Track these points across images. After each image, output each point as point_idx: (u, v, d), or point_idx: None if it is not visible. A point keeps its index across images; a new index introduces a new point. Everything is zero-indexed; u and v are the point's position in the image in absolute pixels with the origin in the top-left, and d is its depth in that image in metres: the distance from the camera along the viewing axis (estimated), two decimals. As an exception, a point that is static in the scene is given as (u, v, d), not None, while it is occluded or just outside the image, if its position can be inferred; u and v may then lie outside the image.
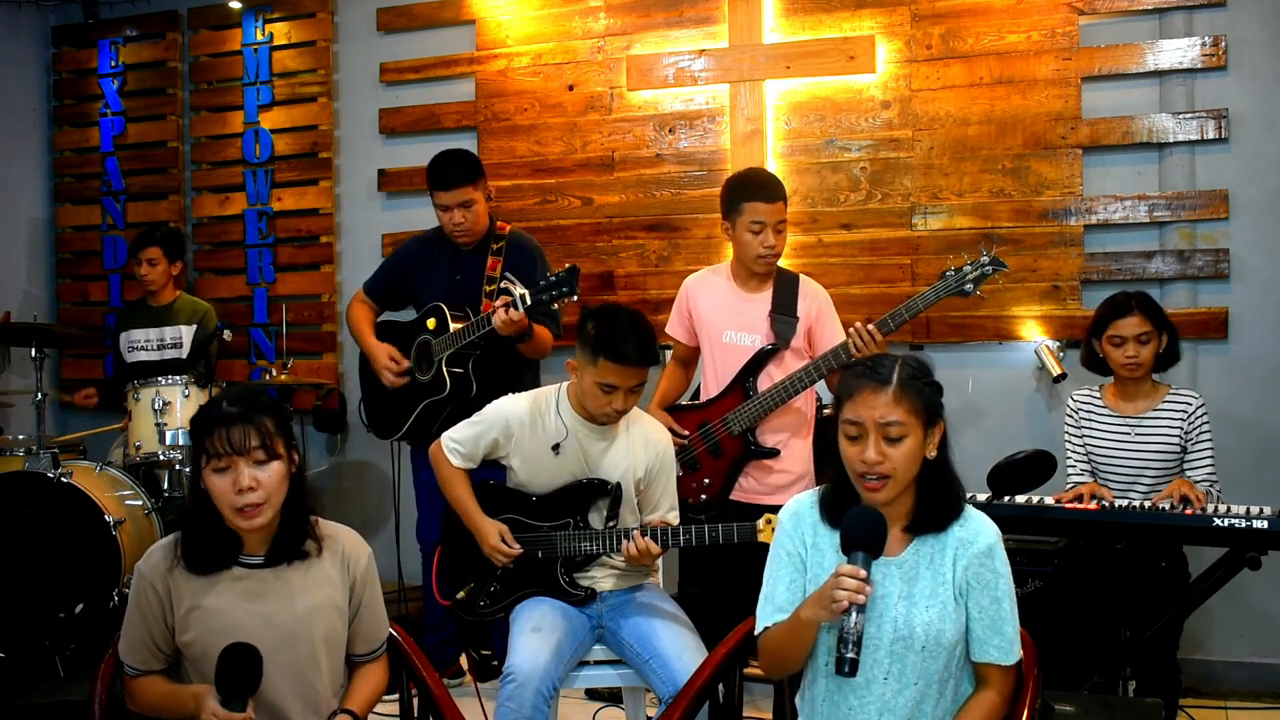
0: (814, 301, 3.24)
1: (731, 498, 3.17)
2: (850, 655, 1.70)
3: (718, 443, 3.15)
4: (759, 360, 3.17)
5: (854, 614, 1.71)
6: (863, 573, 1.73)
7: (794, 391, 3.10)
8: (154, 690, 1.97)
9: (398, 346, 3.71)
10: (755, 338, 3.20)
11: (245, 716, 1.82)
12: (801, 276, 3.33)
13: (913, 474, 1.88)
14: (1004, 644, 1.87)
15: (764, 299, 3.23)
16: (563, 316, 3.65)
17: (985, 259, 3.00)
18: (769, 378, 3.16)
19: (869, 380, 1.88)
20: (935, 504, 1.91)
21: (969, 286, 3.01)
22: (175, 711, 1.94)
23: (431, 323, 3.57)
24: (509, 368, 3.58)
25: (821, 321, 3.23)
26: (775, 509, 2.57)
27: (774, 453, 3.15)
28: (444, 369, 3.53)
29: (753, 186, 3.22)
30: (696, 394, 3.34)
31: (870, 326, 2.97)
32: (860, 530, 1.79)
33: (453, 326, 3.50)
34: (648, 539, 2.58)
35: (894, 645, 1.85)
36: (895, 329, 3.02)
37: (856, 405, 1.87)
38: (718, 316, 3.25)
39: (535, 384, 3.75)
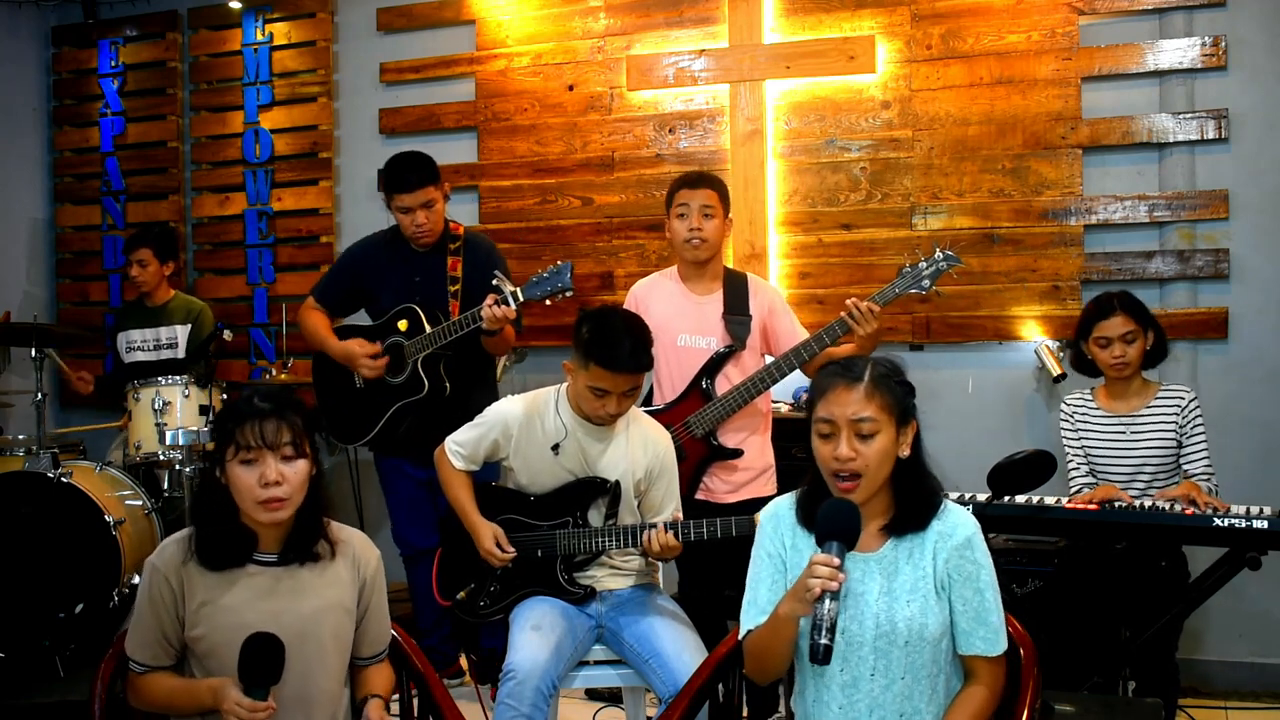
0: (765, 298, 3.25)
1: (697, 498, 3.16)
2: (824, 642, 1.70)
3: (680, 446, 3.13)
4: (716, 362, 3.17)
5: (827, 601, 1.72)
6: (836, 560, 1.74)
7: (758, 391, 3.10)
8: (163, 686, 1.96)
9: None
10: (710, 340, 3.20)
11: (267, 705, 1.83)
12: (749, 275, 3.34)
13: (885, 472, 1.89)
14: (989, 635, 1.88)
15: (715, 300, 3.23)
16: (558, 314, 3.67)
17: (939, 255, 3.00)
18: (726, 379, 3.16)
19: (841, 378, 1.89)
20: (913, 504, 1.92)
21: (925, 283, 3.01)
22: (188, 706, 1.93)
23: (403, 325, 3.52)
24: (476, 367, 3.59)
25: (775, 316, 3.23)
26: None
27: (738, 453, 3.15)
28: (420, 370, 3.51)
29: (681, 179, 3.30)
30: (649, 399, 3.33)
31: (866, 303, 2.97)
32: (834, 521, 1.81)
33: (428, 328, 3.48)
34: (669, 533, 2.59)
35: (877, 641, 1.86)
36: (883, 306, 3.01)
37: (829, 403, 1.89)
38: (670, 321, 3.22)
39: (494, 382, 3.75)
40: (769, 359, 3.17)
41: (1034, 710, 1.92)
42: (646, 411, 3.18)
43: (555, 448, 2.74)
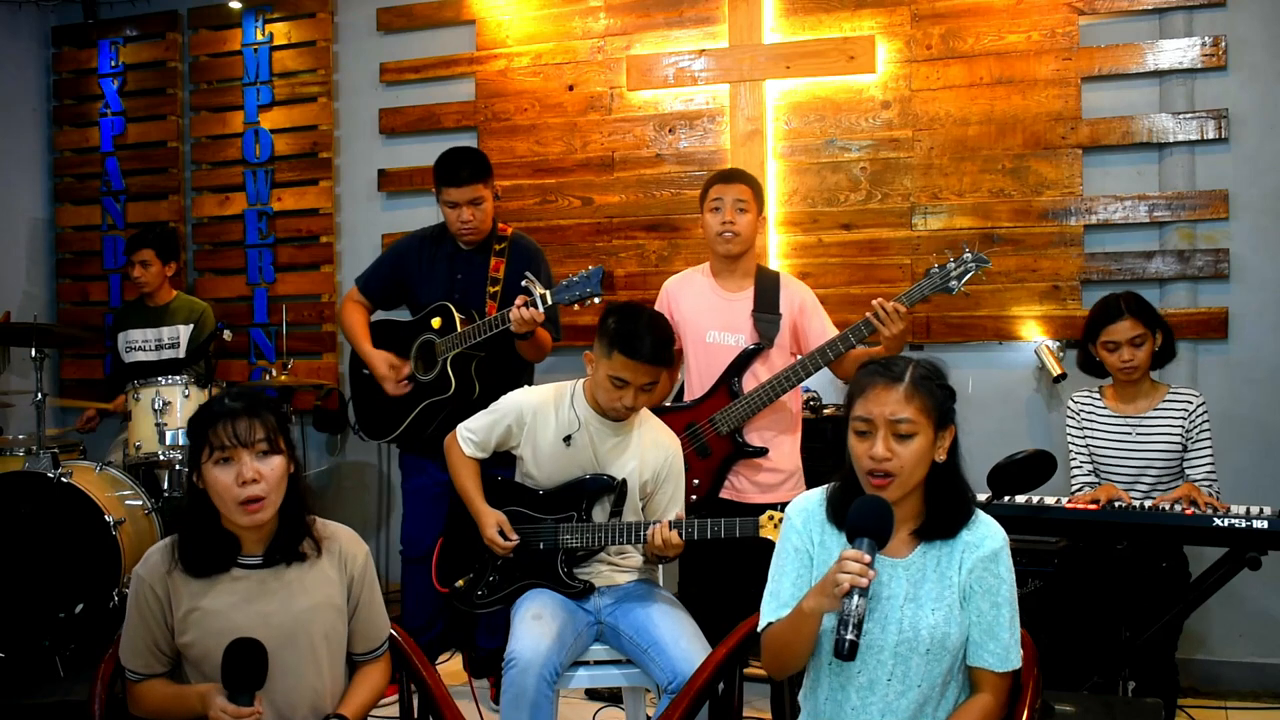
0: (796, 297, 3.26)
1: (722, 496, 3.18)
2: (850, 638, 1.69)
3: (705, 443, 3.15)
4: (744, 360, 3.18)
5: (855, 597, 1.70)
6: (867, 557, 1.72)
7: (783, 390, 3.10)
8: (158, 693, 1.97)
9: (397, 347, 3.68)
10: (739, 337, 3.21)
11: (253, 710, 1.83)
12: (782, 274, 3.35)
13: (920, 475, 1.87)
14: (999, 650, 1.86)
15: (746, 298, 3.24)
16: (566, 315, 3.65)
17: (968, 256, 2.99)
18: (754, 377, 3.17)
19: (881, 377, 1.87)
20: (945, 510, 1.90)
21: (953, 284, 2.99)
22: (180, 712, 1.93)
23: (437, 322, 3.54)
24: (509, 371, 3.58)
25: (806, 315, 3.24)
26: (770, 507, 2.58)
27: (763, 451, 3.15)
28: (448, 369, 3.52)
29: (716, 175, 3.34)
30: (680, 395, 3.34)
31: (892, 303, 2.96)
32: (866, 517, 1.78)
33: (459, 326, 3.49)
34: (672, 530, 2.60)
35: (898, 648, 1.85)
36: (911, 306, 3.01)
37: (867, 402, 1.87)
38: (700, 317, 3.25)
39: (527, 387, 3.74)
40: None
41: (1034, 710, 1.91)
42: (675, 407, 3.20)
43: (567, 439, 2.76)
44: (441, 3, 4.61)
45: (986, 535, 1.90)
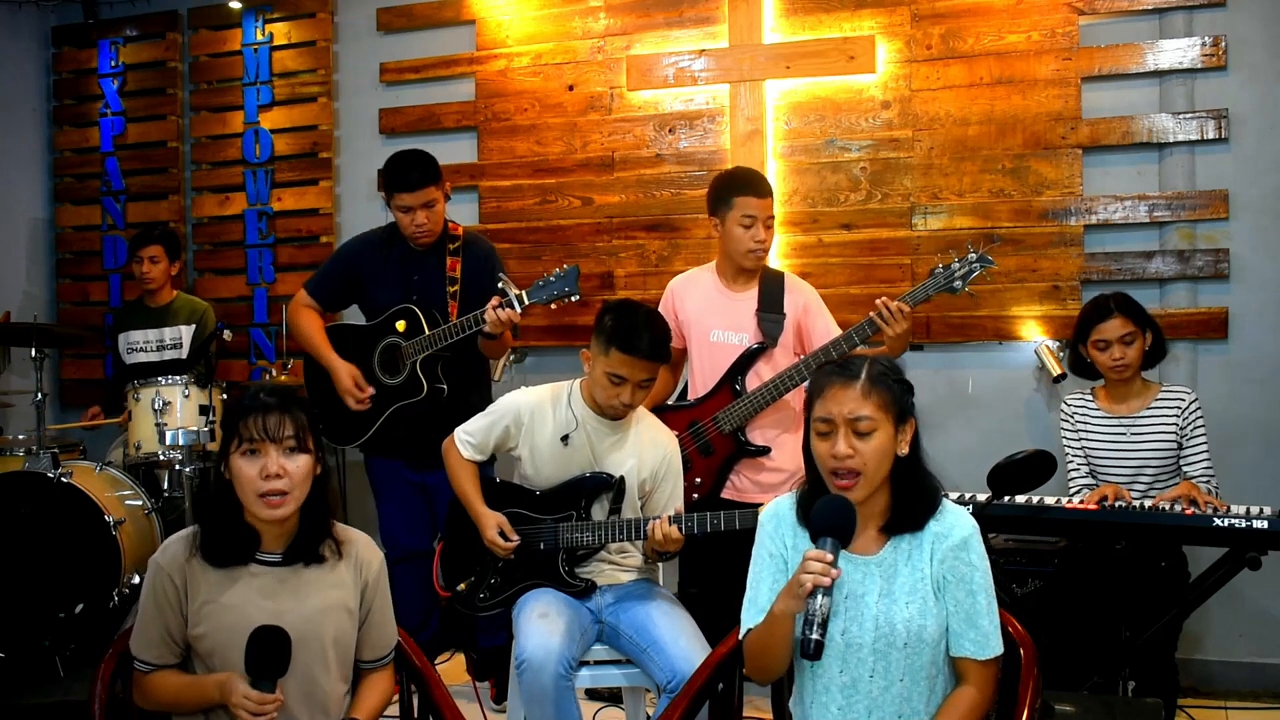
0: (800, 297, 3.26)
1: (724, 496, 3.18)
2: (815, 637, 1.70)
3: (708, 442, 3.16)
4: (747, 359, 3.18)
5: (819, 596, 1.72)
6: (829, 556, 1.74)
7: (785, 389, 3.10)
8: (170, 684, 1.96)
9: (356, 351, 3.60)
10: (743, 336, 3.21)
11: (275, 697, 1.83)
12: (786, 274, 3.35)
13: (884, 471, 1.89)
14: (979, 638, 1.87)
15: (750, 298, 3.24)
16: (558, 315, 3.66)
17: (973, 256, 3.00)
18: (758, 376, 3.18)
19: (838, 377, 1.90)
20: (910, 503, 1.92)
21: (958, 284, 3.01)
22: (195, 702, 1.93)
23: (401, 325, 3.50)
24: (472, 368, 3.59)
25: (811, 315, 3.24)
26: None
27: (765, 450, 3.16)
28: (418, 372, 3.50)
29: (744, 182, 3.26)
30: (684, 394, 3.35)
31: (896, 303, 2.96)
32: (829, 517, 1.80)
33: (426, 329, 3.46)
34: (672, 525, 2.61)
35: (877, 643, 1.86)
36: (914, 306, 3.02)
37: (826, 402, 1.89)
38: (704, 316, 3.26)
39: (489, 383, 3.74)
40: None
41: (1034, 710, 1.91)
42: (678, 405, 3.21)
43: (565, 439, 2.77)
44: (441, 3, 4.61)
45: (955, 524, 1.91)
